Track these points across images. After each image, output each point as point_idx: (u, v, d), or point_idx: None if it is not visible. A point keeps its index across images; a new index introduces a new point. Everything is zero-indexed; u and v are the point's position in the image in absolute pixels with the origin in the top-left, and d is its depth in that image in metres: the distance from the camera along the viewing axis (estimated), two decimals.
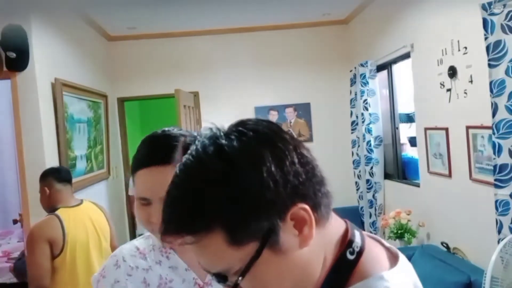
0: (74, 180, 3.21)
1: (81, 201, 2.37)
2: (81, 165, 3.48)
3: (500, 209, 2.15)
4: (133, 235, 4.97)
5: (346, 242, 0.61)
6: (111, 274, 0.98)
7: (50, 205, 2.29)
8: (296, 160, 0.57)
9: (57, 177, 2.34)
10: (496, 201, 2.17)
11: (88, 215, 2.34)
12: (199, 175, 0.55)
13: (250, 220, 0.54)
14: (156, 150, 0.91)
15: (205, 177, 0.55)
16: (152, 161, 0.89)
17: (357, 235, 0.62)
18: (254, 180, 0.53)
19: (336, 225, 0.62)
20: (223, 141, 0.56)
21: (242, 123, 0.60)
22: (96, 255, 2.29)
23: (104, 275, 0.98)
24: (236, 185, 0.54)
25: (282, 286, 0.58)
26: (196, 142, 0.59)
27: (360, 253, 0.60)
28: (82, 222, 2.27)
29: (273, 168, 0.54)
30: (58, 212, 2.20)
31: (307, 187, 0.57)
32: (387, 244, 0.67)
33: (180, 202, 0.56)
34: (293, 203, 0.55)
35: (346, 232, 0.62)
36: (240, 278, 0.55)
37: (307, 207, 0.55)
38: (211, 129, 0.61)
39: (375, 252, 0.63)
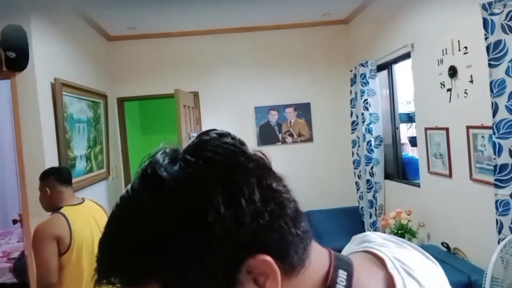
0: (73, 180, 3.21)
1: (83, 200, 2.40)
2: (80, 165, 3.48)
3: (500, 209, 2.15)
4: None
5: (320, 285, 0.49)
6: None
7: (52, 205, 2.30)
8: (257, 197, 0.45)
9: (58, 178, 2.35)
10: (496, 201, 2.17)
11: (91, 213, 2.38)
12: (132, 216, 0.46)
13: (192, 276, 0.44)
14: None
15: (139, 219, 0.45)
16: None
17: (341, 279, 0.50)
18: (196, 227, 0.43)
19: (316, 269, 0.50)
20: (164, 173, 0.45)
21: (197, 147, 0.49)
22: None
23: None
24: (173, 231, 0.43)
25: None
26: (142, 166, 0.49)
27: None
28: (86, 220, 2.30)
29: (222, 210, 0.43)
30: (62, 210, 2.22)
31: (270, 231, 0.45)
32: (390, 266, 0.54)
33: (110, 246, 0.47)
34: (250, 254, 0.44)
35: (327, 274, 0.50)
36: None
37: (268, 258, 0.44)
38: (164, 150, 0.49)
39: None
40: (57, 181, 2.33)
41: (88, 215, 2.34)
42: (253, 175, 0.46)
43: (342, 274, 0.50)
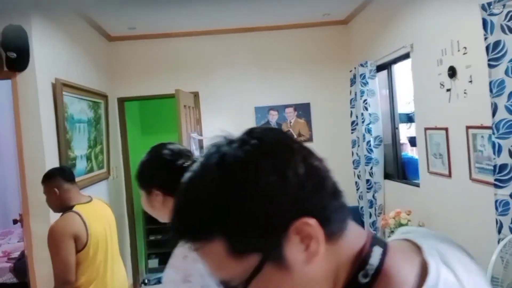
0: None
1: (91, 198, 2.45)
2: (81, 165, 3.48)
3: (500, 209, 2.15)
4: (133, 235, 4.97)
5: (360, 261, 0.55)
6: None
7: (62, 205, 2.33)
8: (301, 172, 0.54)
9: (64, 177, 2.39)
10: (496, 201, 2.17)
11: (101, 211, 2.46)
12: (200, 184, 0.56)
13: (249, 232, 0.53)
14: None
15: (205, 186, 0.55)
16: None
17: (375, 253, 0.55)
18: (252, 192, 0.52)
19: (353, 241, 0.57)
20: (226, 149, 0.56)
21: (249, 131, 0.60)
22: (114, 249, 2.44)
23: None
24: (234, 196, 0.53)
25: None
26: (205, 149, 0.60)
27: (375, 275, 0.54)
28: (99, 217, 2.37)
29: (273, 180, 0.52)
30: (75, 209, 2.27)
31: (313, 199, 0.54)
32: (426, 253, 0.57)
33: (183, 210, 0.57)
34: (297, 217, 0.52)
35: (363, 248, 0.56)
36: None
37: (313, 222, 0.52)
38: (222, 136, 0.61)
39: (398, 273, 0.55)
40: (63, 180, 2.37)
41: (99, 213, 2.41)
42: (297, 153, 0.56)
43: (377, 250, 0.56)
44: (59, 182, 2.35)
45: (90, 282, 2.27)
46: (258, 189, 0.52)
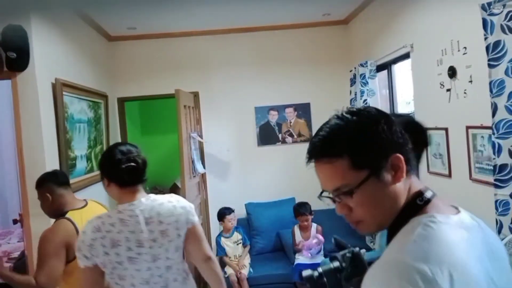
0: (74, 180, 3.23)
1: (86, 202, 2.37)
2: (81, 165, 3.48)
3: (500, 209, 2.15)
4: None
5: (419, 192, 0.88)
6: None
7: (55, 211, 2.27)
8: (398, 130, 0.87)
9: (56, 181, 2.32)
10: (496, 201, 2.17)
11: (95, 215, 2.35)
12: (343, 124, 0.87)
13: (367, 155, 0.84)
14: None
15: (345, 125, 0.87)
16: None
17: (429, 192, 0.89)
18: (374, 132, 0.85)
19: (417, 183, 0.91)
20: (357, 110, 0.89)
21: (367, 107, 0.92)
22: None
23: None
24: (363, 132, 0.85)
25: (375, 207, 0.87)
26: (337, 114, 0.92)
27: (427, 202, 0.87)
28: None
29: (385, 128, 0.85)
30: (68, 215, 2.19)
31: (404, 147, 0.87)
32: (462, 210, 0.92)
33: (324, 138, 0.88)
34: (394, 152, 0.85)
35: (421, 188, 0.90)
36: (352, 192, 0.85)
37: (402, 157, 0.85)
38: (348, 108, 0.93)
39: (440, 206, 0.88)
40: (55, 184, 2.30)
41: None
42: (393, 121, 0.88)
43: (429, 191, 0.89)
44: (51, 186, 2.28)
45: None
46: (377, 131, 0.85)
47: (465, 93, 2.65)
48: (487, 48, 2.13)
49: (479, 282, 0.77)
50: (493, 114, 2.14)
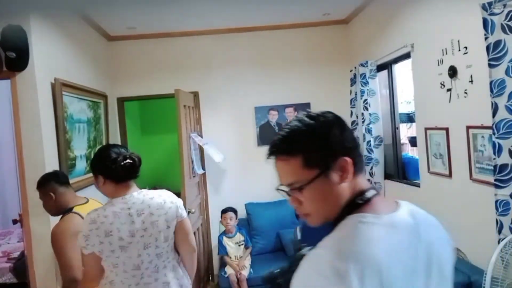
0: (74, 180, 3.23)
1: (87, 199, 2.49)
2: (80, 165, 3.48)
3: (500, 209, 2.15)
4: None
5: (361, 192, 0.95)
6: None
7: (59, 209, 2.38)
8: (349, 135, 0.98)
9: (58, 180, 2.44)
10: (496, 201, 2.17)
11: None
12: (299, 126, 0.97)
13: (318, 156, 0.93)
14: None
15: (302, 127, 0.96)
16: None
17: (371, 192, 0.96)
18: (326, 136, 0.94)
19: (363, 183, 0.97)
20: (314, 115, 1.00)
21: (324, 112, 1.02)
22: None
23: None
24: (316, 135, 0.95)
25: (322, 203, 0.95)
26: (294, 117, 1.02)
27: (367, 201, 0.94)
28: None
29: (337, 133, 0.95)
30: (75, 210, 2.32)
31: (353, 150, 0.96)
32: (403, 208, 0.99)
33: (283, 137, 0.97)
34: (343, 155, 0.93)
35: (365, 188, 0.96)
36: (302, 189, 0.94)
37: (350, 160, 0.93)
38: (305, 113, 1.02)
39: (378, 205, 0.94)
40: (58, 183, 2.42)
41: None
42: (346, 127, 0.99)
43: (372, 191, 0.96)
44: (53, 186, 2.40)
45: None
46: (329, 135, 0.94)
47: (465, 93, 2.65)
48: (488, 48, 2.13)
49: (394, 281, 0.81)
50: (494, 114, 2.14)
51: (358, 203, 0.94)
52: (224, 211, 4.44)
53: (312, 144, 0.94)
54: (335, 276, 0.78)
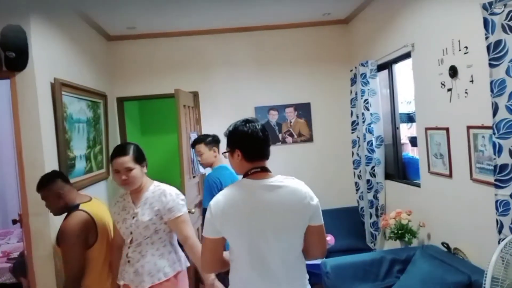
0: (73, 181, 3.23)
1: (91, 198, 2.54)
2: (80, 165, 3.47)
3: (500, 209, 2.15)
4: None
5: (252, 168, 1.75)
6: (112, 205, 2.40)
7: (66, 206, 2.41)
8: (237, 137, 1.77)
9: (64, 179, 2.50)
10: (496, 201, 2.16)
11: (102, 207, 2.57)
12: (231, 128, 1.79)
13: (232, 145, 1.75)
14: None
15: (232, 130, 1.77)
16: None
17: (254, 170, 1.71)
18: (236, 134, 1.74)
19: (258, 165, 1.75)
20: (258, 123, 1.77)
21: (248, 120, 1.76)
22: None
23: (111, 206, 2.38)
24: (240, 137, 1.73)
25: (236, 168, 1.77)
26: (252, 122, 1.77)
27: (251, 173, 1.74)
28: (101, 214, 2.46)
29: (241, 133, 1.72)
30: (82, 207, 2.36)
31: (247, 145, 1.73)
32: (277, 176, 1.73)
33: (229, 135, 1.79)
34: (238, 148, 1.72)
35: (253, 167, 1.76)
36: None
37: (240, 152, 1.72)
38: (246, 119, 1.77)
39: (255, 175, 1.71)
40: (64, 182, 2.48)
41: (102, 209, 2.53)
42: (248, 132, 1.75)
43: (256, 169, 1.74)
44: (60, 184, 2.43)
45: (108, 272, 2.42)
46: (237, 134, 1.73)
47: (466, 92, 2.64)
48: (488, 47, 2.12)
49: (229, 214, 1.64)
50: (494, 114, 2.13)
51: (246, 173, 1.71)
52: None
53: (239, 140, 1.73)
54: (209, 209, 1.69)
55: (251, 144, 1.69)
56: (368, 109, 4.06)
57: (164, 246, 2.27)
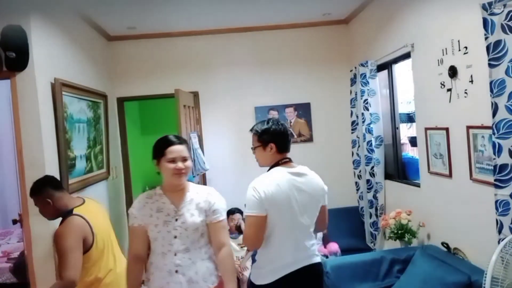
0: (73, 181, 3.23)
1: (84, 200, 2.52)
2: (80, 165, 3.47)
3: (500, 209, 2.15)
4: None
5: (280, 159, 2.20)
6: (137, 206, 2.11)
7: (57, 213, 2.40)
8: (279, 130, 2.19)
9: (53, 186, 2.45)
10: (496, 201, 2.16)
11: (96, 208, 2.56)
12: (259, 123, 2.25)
13: (263, 139, 2.16)
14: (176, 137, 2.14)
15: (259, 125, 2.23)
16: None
17: (284, 160, 2.18)
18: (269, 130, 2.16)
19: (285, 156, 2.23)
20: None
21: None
22: (113, 240, 2.60)
23: (133, 207, 2.11)
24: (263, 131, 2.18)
25: (263, 159, 2.20)
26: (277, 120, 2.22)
27: (286, 162, 2.18)
28: (96, 215, 2.46)
29: (273, 129, 2.15)
30: (76, 211, 2.34)
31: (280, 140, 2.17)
32: (299, 166, 2.18)
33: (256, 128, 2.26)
34: (271, 141, 2.13)
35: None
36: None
37: (273, 145, 2.14)
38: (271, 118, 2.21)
39: (287, 164, 2.18)
40: (54, 189, 2.43)
41: (96, 210, 2.52)
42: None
43: (286, 159, 2.23)
44: (50, 192, 2.40)
45: (105, 274, 2.39)
46: (272, 131, 2.14)
47: (465, 93, 2.65)
48: (488, 47, 2.13)
49: (277, 199, 1.98)
50: (494, 114, 2.13)
51: (279, 162, 2.10)
52: (231, 212, 4.40)
53: (264, 134, 2.13)
54: (253, 191, 2.00)
55: (284, 139, 2.14)
56: (367, 109, 4.06)
57: (209, 248, 2.12)
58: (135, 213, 2.06)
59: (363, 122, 4.12)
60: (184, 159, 2.05)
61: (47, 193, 2.39)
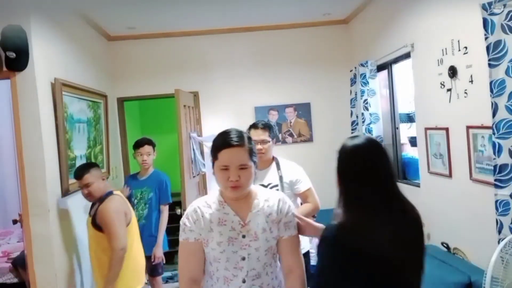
0: (74, 181, 3.22)
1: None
2: None
3: (500, 209, 2.15)
4: None
5: None
6: (193, 216, 1.59)
7: (104, 192, 2.74)
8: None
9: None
10: (496, 201, 2.16)
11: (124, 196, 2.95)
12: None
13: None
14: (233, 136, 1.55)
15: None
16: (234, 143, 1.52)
17: None
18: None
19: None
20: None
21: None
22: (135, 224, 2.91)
23: (188, 218, 1.59)
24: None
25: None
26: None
27: None
28: (126, 200, 2.86)
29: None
30: (116, 193, 2.77)
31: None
32: None
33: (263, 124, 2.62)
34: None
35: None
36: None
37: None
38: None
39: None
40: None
41: (124, 197, 2.91)
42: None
43: None
44: (101, 172, 2.87)
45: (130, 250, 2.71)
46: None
47: (465, 93, 2.65)
48: (488, 48, 2.13)
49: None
50: (494, 114, 2.13)
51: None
52: None
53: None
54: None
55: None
56: (367, 109, 4.06)
57: (276, 266, 1.68)
58: (189, 225, 1.57)
59: (363, 122, 4.12)
60: (242, 167, 1.52)
61: (99, 171, 2.81)
